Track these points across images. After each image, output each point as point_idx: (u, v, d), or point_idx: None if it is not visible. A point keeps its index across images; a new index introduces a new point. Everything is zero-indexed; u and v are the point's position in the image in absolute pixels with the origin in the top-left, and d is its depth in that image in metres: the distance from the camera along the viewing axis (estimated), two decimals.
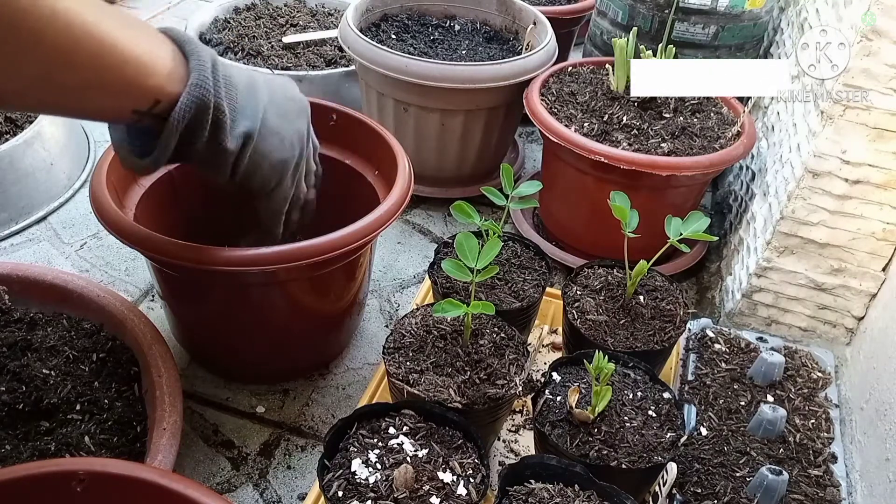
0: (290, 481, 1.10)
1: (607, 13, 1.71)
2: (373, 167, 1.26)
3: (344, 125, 1.28)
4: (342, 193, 1.21)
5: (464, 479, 0.84)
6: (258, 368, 1.25)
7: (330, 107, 1.28)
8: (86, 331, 1.10)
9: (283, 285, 1.09)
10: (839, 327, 1.31)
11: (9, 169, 1.50)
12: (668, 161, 1.31)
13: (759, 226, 1.34)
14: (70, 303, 1.14)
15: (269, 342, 1.18)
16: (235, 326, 1.16)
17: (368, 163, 1.27)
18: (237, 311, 1.13)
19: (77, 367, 1.03)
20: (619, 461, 0.89)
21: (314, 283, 1.12)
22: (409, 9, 1.86)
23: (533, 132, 2.02)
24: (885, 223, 1.19)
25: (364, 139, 1.26)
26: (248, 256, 0.95)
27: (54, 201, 1.60)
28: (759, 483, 0.96)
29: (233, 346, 1.21)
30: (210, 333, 1.21)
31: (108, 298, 1.12)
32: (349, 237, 1.00)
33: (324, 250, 0.98)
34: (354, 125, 1.27)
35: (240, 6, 2.21)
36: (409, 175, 1.15)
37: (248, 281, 1.05)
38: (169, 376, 1.00)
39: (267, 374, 1.26)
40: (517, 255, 1.23)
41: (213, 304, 1.15)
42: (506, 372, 0.98)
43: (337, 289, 1.17)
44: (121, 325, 1.09)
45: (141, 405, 1.01)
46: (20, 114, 1.62)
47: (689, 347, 1.23)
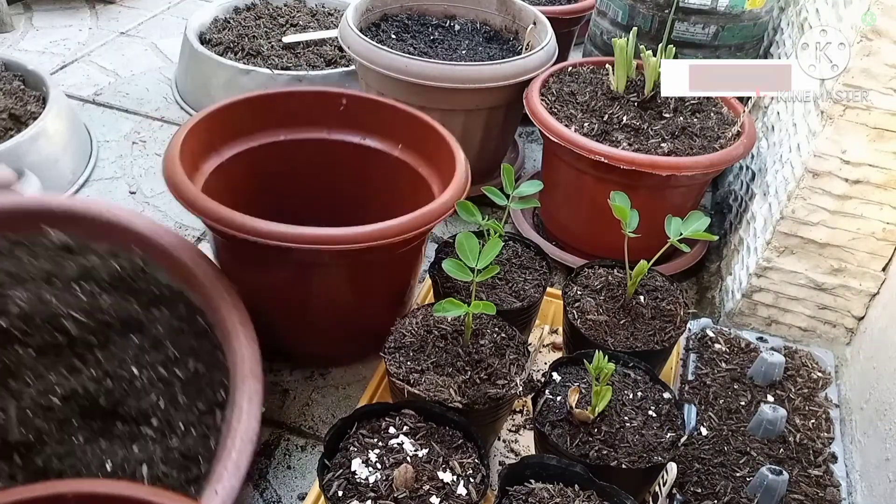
0: (290, 481, 1.10)
1: (607, 13, 1.71)
2: (395, 143, 1.35)
3: (358, 108, 1.35)
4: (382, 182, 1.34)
5: (464, 479, 0.84)
6: (319, 348, 1.29)
7: (338, 93, 1.34)
8: (197, 328, 1.05)
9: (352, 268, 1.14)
10: (839, 327, 1.31)
11: (15, 164, 1.50)
12: (668, 161, 1.31)
13: (759, 226, 1.34)
14: (194, 287, 1.08)
15: (334, 322, 1.22)
16: (300, 304, 1.19)
17: (392, 140, 1.35)
18: (302, 289, 1.16)
19: (170, 373, 0.98)
20: (619, 461, 0.89)
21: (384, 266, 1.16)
22: (409, 9, 1.86)
23: (533, 132, 2.02)
24: (885, 223, 1.19)
25: (390, 119, 1.35)
26: (313, 235, 0.99)
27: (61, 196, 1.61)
28: (760, 483, 0.96)
29: (301, 325, 1.23)
30: (275, 313, 1.20)
31: (226, 300, 1.05)
32: (415, 221, 1.05)
33: (398, 231, 1.02)
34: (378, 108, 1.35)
35: (240, 6, 2.21)
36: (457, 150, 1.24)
37: (312, 259, 1.08)
38: (248, 426, 0.92)
39: (329, 354, 1.29)
40: (518, 254, 1.23)
41: (275, 280, 1.16)
42: (506, 372, 0.98)
43: (402, 273, 1.22)
44: (228, 338, 1.03)
45: (215, 440, 0.95)
46: (25, 111, 1.63)
47: (689, 347, 1.23)
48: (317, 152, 1.36)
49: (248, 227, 0.99)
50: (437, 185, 1.25)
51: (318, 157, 1.36)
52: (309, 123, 1.35)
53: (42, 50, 2.25)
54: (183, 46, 2.02)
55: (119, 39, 2.37)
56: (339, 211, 1.28)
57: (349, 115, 1.35)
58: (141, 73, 2.17)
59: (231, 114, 1.26)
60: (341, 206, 1.37)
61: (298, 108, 1.34)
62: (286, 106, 1.33)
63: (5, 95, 1.66)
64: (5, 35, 2.31)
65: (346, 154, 1.36)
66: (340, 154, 1.36)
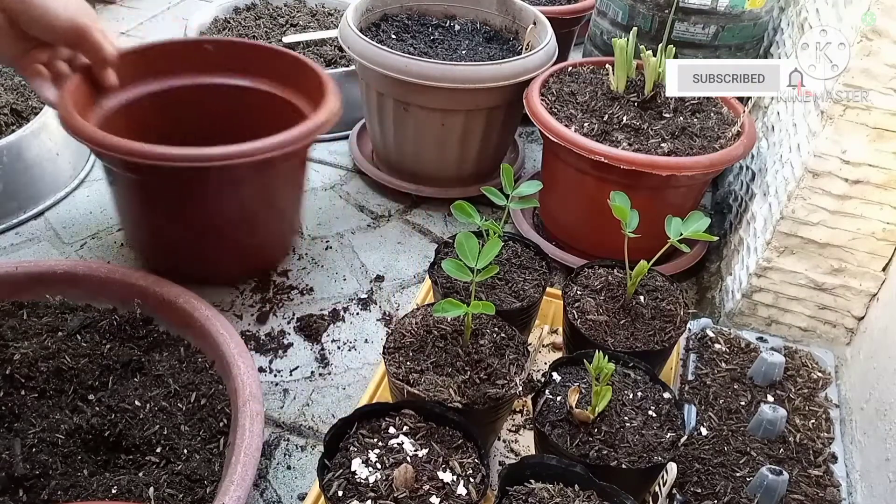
0: (290, 481, 1.10)
1: (607, 13, 1.71)
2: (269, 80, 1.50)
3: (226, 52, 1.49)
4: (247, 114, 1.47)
5: (464, 479, 0.84)
6: (208, 267, 1.41)
7: (203, 40, 1.55)
8: (197, 365, 1.12)
9: (231, 184, 1.26)
10: (839, 327, 1.31)
11: (16, 159, 1.51)
12: (668, 161, 1.31)
13: (759, 226, 1.34)
14: (193, 330, 1.17)
15: (231, 239, 1.36)
16: (185, 225, 1.32)
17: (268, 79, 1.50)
18: (187, 209, 1.29)
19: (173, 405, 1.04)
20: (619, 461, 0.89)
21: (257, 184, 1.29)
22: (409, 9, 1.86)
23: (533, 132, 2.02)
24: (885, 223, 1.19)
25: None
26: (192, 154, 1.12)
27: (60, 191, 1.63)
28: (760, 483, 0.96)
29: (186, 245, 1.36)
30: (163, 234, 1.37)
31: (225, 337, 1.12)
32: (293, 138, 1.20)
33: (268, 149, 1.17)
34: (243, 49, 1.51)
35: (240, 6, 2.21)
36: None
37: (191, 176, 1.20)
38: (251, 443, 0.97)
39: (216, 273, 1.42)
40: (517, 254, 1.23)
41: (162, 203, 1.29)
42: (506, 372, 0.98)
43: (274, 193, 1.35)
44: (228, 369, 1.09)
45: (219, 463, 1.00)
46: (26, 105, 1.64)
47: (689, 347, 1.23)
48: (193, 98, 1.47)
49: (156, 154, 1.12)
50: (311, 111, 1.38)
51: (195, 102, 1.47)
52: (182, 71, 1.46)
53: None
54: None
55: (119, 39, 2.37)
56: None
57: (219, 59, 1.47)
58: None
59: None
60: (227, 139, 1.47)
61: (169, 58, 1.45)
62: (160, 55, 1.43)
63: (7, 91, 1.67)
64: None
65: (222, 96, 1.49)
66: (216, 96, 1.49)
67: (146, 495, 0.91)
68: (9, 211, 1.54)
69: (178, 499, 0.92)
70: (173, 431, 1.00)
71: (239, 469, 0.92)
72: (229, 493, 0.89)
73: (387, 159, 1.73)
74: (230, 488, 0.90)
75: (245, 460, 0.94)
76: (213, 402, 1.06)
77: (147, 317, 1.18)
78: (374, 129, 1.69)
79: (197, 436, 1.02)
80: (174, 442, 0.99)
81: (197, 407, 1.05)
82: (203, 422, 1.04)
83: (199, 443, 1.01)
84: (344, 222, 1.65)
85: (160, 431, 0.99)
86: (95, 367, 1.06)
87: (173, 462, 0.97)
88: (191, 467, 0.96)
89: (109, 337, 1.13)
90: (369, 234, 1.63)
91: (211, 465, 0.98)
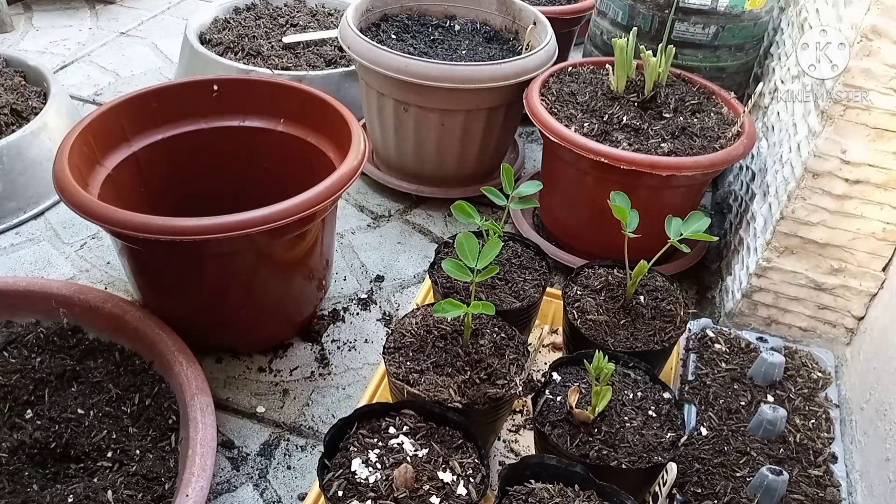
0: (290, 481, 1.10)
1: (607, 13, 1.71)
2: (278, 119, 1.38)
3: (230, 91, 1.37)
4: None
5: (464, 479, 0.84)
6: (224, 336, 1.29)
7: (209, 80, 1.35)
8: (135, 368, 1.12)
9: (242, 254, 1.14)
10: (839, 327, 1.31)
11: (17, 159, 1.52)
12: (668, 161, 1.31)
13: (759, 226, 1.34)
14: (126, 334, 1.15)
15: (251, 309, 1.22)
16: (199, 294, 1.20)
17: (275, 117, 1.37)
18: (198, 280, 1.17)
19: (117, 409, 1.04)
20: (619, 461, 0.89)
21: (273, 251, 1.16)
22: (409, 9, 1.86)
23: (533, 132, 2.02)
24: (885, 223, 1.19)
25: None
26: (202, 225, 0.99)
27: None
28: (760, 483, 0.96)
29: (198, 313, 1.24)
30: (175, 303, 1.24)
31: (161, 336, 1.12)
32: (308, 202, 1.06)
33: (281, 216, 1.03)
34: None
35: (240, 6, 2.21)
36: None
37: (208, 250, 1.09)
38: (205, 434, 0.97)
39: (234, 342, 1.30)
40: (517, 254, 1.23)
41: (171, 274, 1.18)
42: (506, 372, 0.98)
43: (293, 256, 1.22)
44: (169, 367, 1.09)
45: (174, 459, 1.00)
46: (26, 105, 1.64)
47: (689, 347, 1.23)
48: (198, 143, 1.37)
49: (143, 226, 1.00)
50: (333, 153, 1.28)
51: (200, 148, 1.37)
52: (185, 116, 1.35)
53: (42, 50, 2.25)
54: (183, 47, 2.02)
55: (119, 40, 2.37)
56: (244, 194, 1.29)
57: (224, 100, 1.37)
58: (141, 73, 2.17)
59: (105, 123, 1.25)
60: (245, 189, 1.36)
61: (171, 103, 1.34)
62: (159, 103, 1.32)
63: (7, 91, 1.67)
64: (5, 35, 2.31)
65: (229, 138, 1.38)
66: (223, 140, 1.38)
67: (105, 499, 0.91)
68: (9, 211, 1.54)
69: (137, 499, 0.93)
70: (122, 434, 1.00)
71: (198, 461, 0.93)
72: (192, 485, 0.90)
73: (387, 159, 1.73)
74: (191, 479, 0.91)
75: (202, 451, 0.95)
76: (159, 401, 1.06)
77: (74, 326, 1.16)
78: (375, 128, 1.69)
79: (147, 436, 1.02)
80: (124, 444, 0.99)
81: (142, 408, 1.05)
82: (151, 421, 1.04)
83: (149, 442, 1.01)
84: (344, 222, 1.65)
85: (108, 436, 0.99)
86: (28, 382, 1.05)
87: (126, 464, 0.97)
88: (146, 467, 0.97)
89: (38, 350, 1.11)
90: (369, 233, 1.63)
91: (166, 462, 0.99)
